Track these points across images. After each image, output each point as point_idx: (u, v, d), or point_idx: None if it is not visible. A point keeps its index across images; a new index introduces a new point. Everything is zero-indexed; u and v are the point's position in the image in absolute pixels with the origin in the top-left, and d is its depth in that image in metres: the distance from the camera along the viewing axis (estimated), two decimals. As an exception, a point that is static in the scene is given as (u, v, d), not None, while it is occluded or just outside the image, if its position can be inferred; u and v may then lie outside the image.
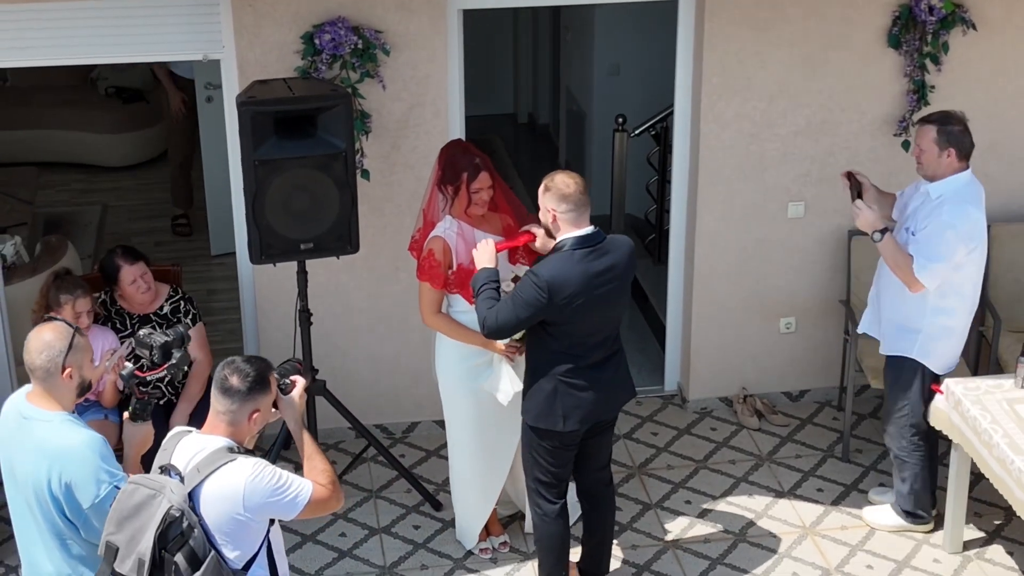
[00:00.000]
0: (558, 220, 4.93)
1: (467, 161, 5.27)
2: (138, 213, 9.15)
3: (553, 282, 4.85)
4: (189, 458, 3.92)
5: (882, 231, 5.49)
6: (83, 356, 4.16)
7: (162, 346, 4.21)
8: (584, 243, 4.91)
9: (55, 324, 4.18)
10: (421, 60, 6.06)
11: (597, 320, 4.99)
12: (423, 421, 6.68)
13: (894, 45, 6.33)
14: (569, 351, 5.00)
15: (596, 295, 4.92)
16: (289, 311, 5.99)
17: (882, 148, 6.52)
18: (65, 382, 4.13)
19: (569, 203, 4.90)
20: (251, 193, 5.40)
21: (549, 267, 4.89)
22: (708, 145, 6.43)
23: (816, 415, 6.87)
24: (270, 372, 4.01)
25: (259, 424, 4.00)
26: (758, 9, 6.20)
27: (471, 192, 5.25)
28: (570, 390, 5.04)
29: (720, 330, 6.76)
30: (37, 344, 4.12)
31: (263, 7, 5.86)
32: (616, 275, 4.98)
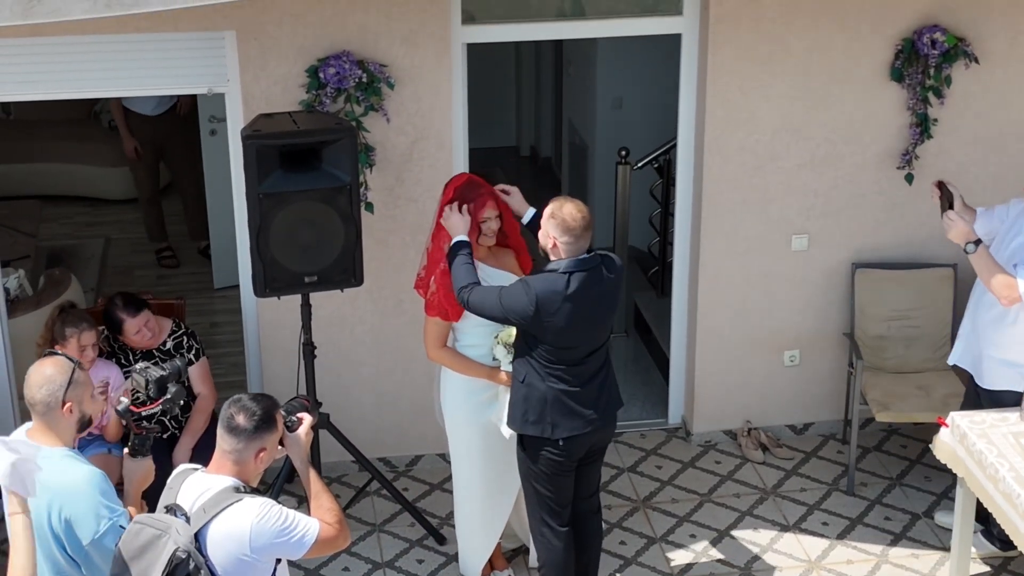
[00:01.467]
0: (558, 247, 5.02)
1: (473, 191, 5.27)
2: (141, 246, 9.14)
3: (542, 301, 4.94)
4: (195, 498, 3.89)
5: (975, 243, 5.41)
6: (83, 391, 4.15)
7: (157, 380, 4.20)
8: (579, 267, 5.00)
9: (55, 359, 4.18)
10: (425, 93, 6.07)
11: (584, 338, 5.07)
12: (427, 454, 6.66)
13: (897, 79, 6.34)
14: (556, 359, 5.07)
15: (585, 317, 5.01)
16: (293, 344, 5.98)
17: (886, 181, 6.52)
18: (65, 417, 4.12)
19: (571, 236, 4.99)
20: (255, 226, 5.40)
21: (543, 285, 4.98)
22: (711, 178, 6.44)
23: (821, 448, 6.84)
24: (276, 410, 3.99)
25: (265, 463, 3.98)
26: (761, 43, 6.22)
27: (479, 222, 5.25)
28: (560, 399, 5.09)
29: (724, 363, 6.75)
30: (37, 378, 4.11)
31: (268, 41, 5.88)
32: (606, 297, 5.08)
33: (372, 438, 6.50)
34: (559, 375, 5.07)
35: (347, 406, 6.41)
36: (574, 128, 9.50)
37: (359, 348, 6.44)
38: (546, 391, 5.08)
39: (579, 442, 5.15)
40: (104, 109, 10.14)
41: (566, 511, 5.28)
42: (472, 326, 5.31)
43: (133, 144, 8.47)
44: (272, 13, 5.81)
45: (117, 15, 4.65)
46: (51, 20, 4.55)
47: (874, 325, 6.59)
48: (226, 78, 5.97)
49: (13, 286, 6.79)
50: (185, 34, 5.82)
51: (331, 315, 6.28)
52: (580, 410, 5.10)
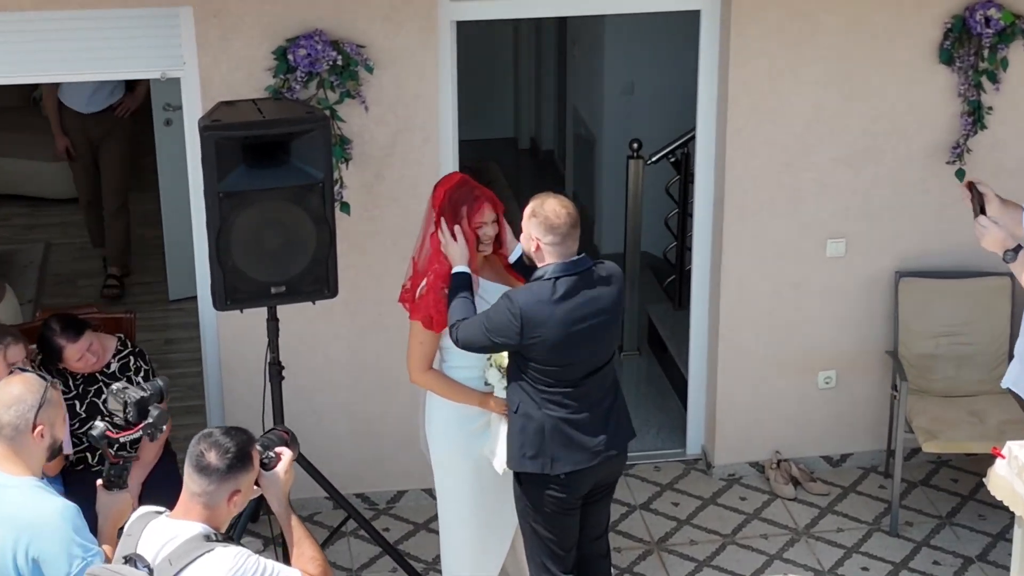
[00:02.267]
0: (542, 250, 5.02)
1: (466, 193, 5.27)
2: (86, 251, 9.14)
3: (527, 313, 4.95)
4: (159, 547, 3.85)
5: (1015, 249, 5.27)
6: (56, 412, 4.16)
7: (138, 403, 4.20)
8: (567, 271, 4.99)
9: (24, 376, 4.19)
10: (409, 78, 6.08)
11: (581, 355, 5.06)
12: (410, 490, 6.66)
13: (946, 61, 6.35)
14: (554, 385, 5.06)
15: (579, 330, 5.00)
16: (258, 364, 5.97)
17: (933, 179, 6.53)
18: (35, 442, 4.13)
19: (556, 235, 4.99)
20: (215, 229, 5.40)
21: (525, 296, 4.99)
22: (735, 175, 6.44)
23: (860, 482, 6.85)
24: (252, 446, 3.97)
25: (240, 506, 3.95)
26: (791, 20, 6.23)
27: (475, 228, 5.25)
28: (559, 428, 5.08)
29: (750, 385, 6.75)
30: (4, 398, 4.12)
31: (229, 19, 5.88)
32: (602, 307, 5.06)
33: (348, 471, 6.50)
34: (557, 400, 5.07)
35: (320, 435, 6.40)
36: (579, 118, 9.52)
37: (334, 368, 6.44)
38: (543, 420, 5.07)
39: (584, 477, 5.14)
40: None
41: (570, 555, 5.28)
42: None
43: (64, 143, 8.42)
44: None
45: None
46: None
47: (921, 342, 6.60)
48: (182, 61, 5.97)
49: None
50: (134, 10, 5.83)
51: (301, 331, 6.28)
52: (584, 440, 5.09)
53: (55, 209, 9.80)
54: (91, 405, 5.83)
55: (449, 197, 5.28)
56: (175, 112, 7.89)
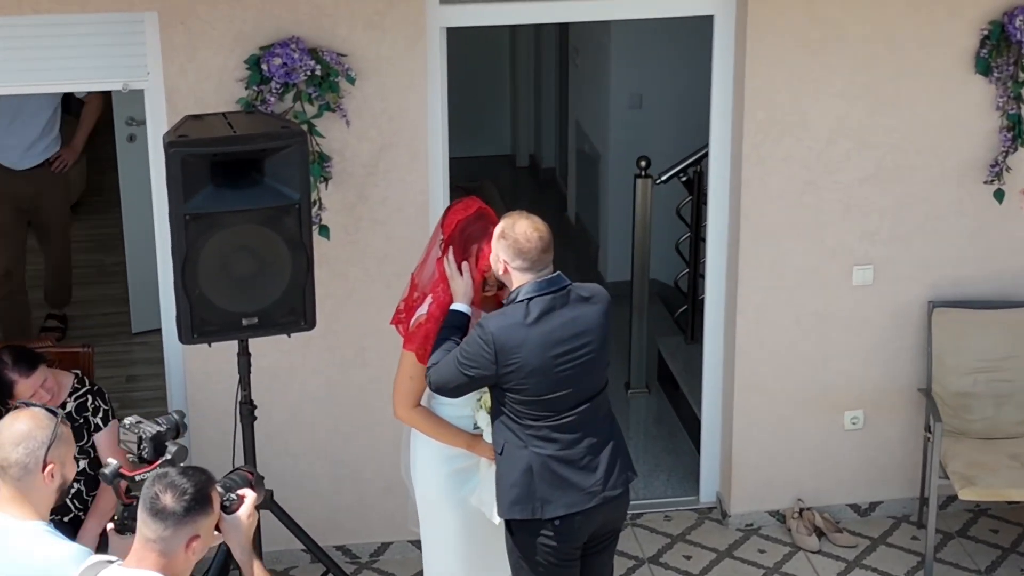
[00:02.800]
0: (510, 272, 5.06)
1: (480, 231, 5.26)
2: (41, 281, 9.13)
3: (500, 338, 4.95)
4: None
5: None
6: (67, 450, 4.21)
7: (153, 438, 4.26)
8: (540, 290, 5.01)
9: (32, 411, 4.22)
10: (395, 90, 6.09)
11: (566, 385, 5.04)
12: (396, 542, 6.65)
13: (983, 71, 6.36)
14: (540, 419, 5.04)
15: (559, 355, 4.99)
16: (228, 403, 5.96)
17: (968, 199, 6.53)
18: (45, 482, 4.16)
19: (525, 260, 5.02)
20: (181, 255, 5.39)
21: (497, 321, 5.01)
22: (752, 195, 6.45)
23: (891, 533, 6.84)
24: (212, 487, 3.97)
25: (198, 553, 3.94)
26: (813, 26, 6.24)
27: (483, 271, 5.24)
28: (549, 467, 5.05)
29: (769, 426, 6.75)
30: (11, 436, 4.15)
31: (198, 25, 5.89)
32: (584, 330, 5.05)
33: (327, 521, 6.49)
34: (544, 435, 5.04)
35: (296, 480, 6.40)
36: (583, 133, 9.54)
37: (311, 407, 6.43)
38: (529, 458, 5.05)
39: (580, 523, 5.11)
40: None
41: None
42: None
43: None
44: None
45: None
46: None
47: (956, 379, 6.59)
48: (146, 71, 5.99)
49: None
50: (95, 16, 5.84)
51: (275, 366, 6.28)
52: (577, 479, 5.07)
53: (8, 233, 9.79)
54: None
55: (462, 230, 5.27)
56: (138, 127, 7.91)
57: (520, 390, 5.01)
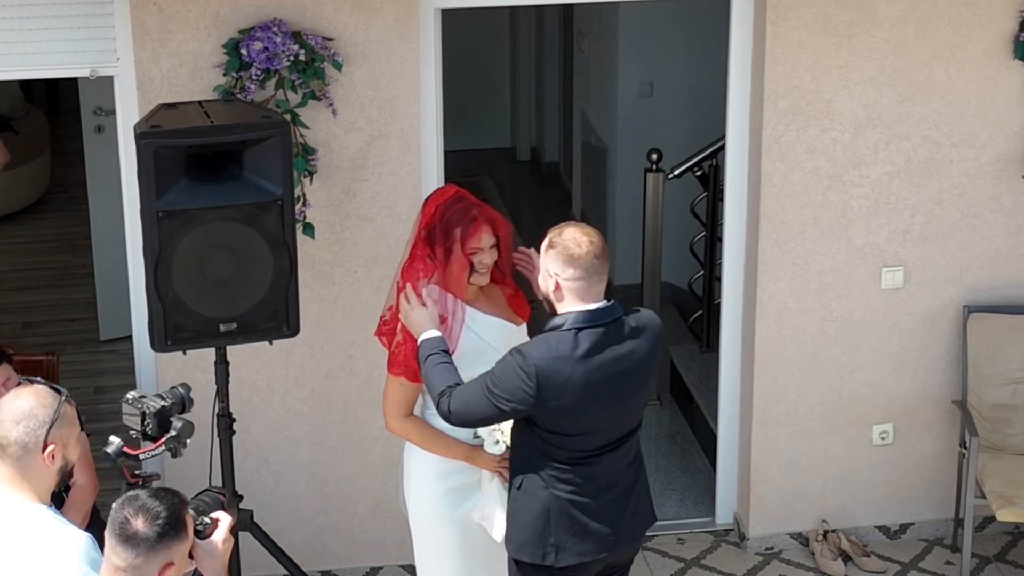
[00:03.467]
0: (561, 289, 4.93)
1: (461, 212, 5.28)
2: (2, 283, 9.18)
3: (544, 372, 4.82)
4: None
5: None
6: (70, 431, 4.26)
7: (158, 413, 4.35)
8: (592, 321, 4.88)
9: (36, 388, 4.30)
10: (385, 77, 6.11)
11: (602, 425, 4.99)
12: (386, 567, 6.67)
13: (1022, 57, 6.39)
14: (566, 459, 4.99)
15: (603, 394, 4.91)
16: (204, 416, 5.97)
17: (1007, 194, 6.55)
18: (45, 464, 4.21)
19: (578, 268, 4.88)
20: (154, 255, 5.41)
21: (542, 351, 4.86)
22: (772, 191, 6.47)
23: (923, 557, 6.86)
24: (185, 509, 3.98)
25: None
26: (839, 8, 6.26)
27: (468, 254, 5.25)
28: (567, 511, 5.02)
29: (791, 441, 6.77)
30: (12, 413, 4.21)
31: (171, 7, 5.92)
32: (633, 367, 4.96)
33: (312, 544, 6.51)
34: (568, 478, 4.97)
35: (278, 500, 6.42)
36: (589, 124, 9.56)
37: (294, 421, 6.45)
38: (549, 500, 4.99)
39: (591, 566, 5.11)
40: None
41: None
42: None
43: None
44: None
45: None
46: None
47: (994, 390, 6.61)
48: (115, 56, 6.01)
49: None
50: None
51: (256, 376, 6.30)
52: (595, 528, 5.02)
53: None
54: None
55: (441, 215, 5.28)
56: (107, 117, 7.92)
57: (553, 428, 4.91)
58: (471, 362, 5.28)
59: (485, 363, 5.27)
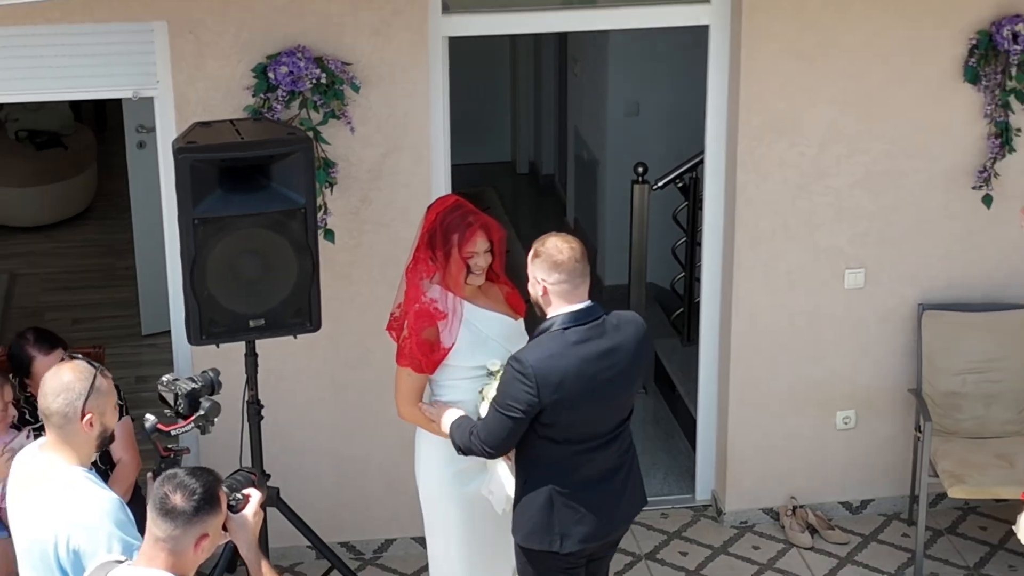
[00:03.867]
0: (548, 294, 4.91)
1: (459, 219, 5.28)
2: (54, 283, 9.17)
3: (540, 370, 4.79)
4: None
5: None
6: (106, 401, 4.30)
7: (189, 394, 4.43)
8: (577, 320, 4.87)
9: (74, 363, 4.35)
10: (398, 97, 6.10)
11: (597, 416, 4.96)
12: (400, 538, 6.65)
13: (971, 79, 6.37)
14: (566, 452, 4.96)
15: (595, 386, 4.87)
16: (235, 402, 5.96)
17: (958, 202, 6.53)
18: (84, 430, 4.26)
19: (562, 272, 4.87)
20: (190, 258, 5.40)
21: (534, 352, 4.85)
22: (746, 200, 6.45)
23: (882, 530, 6.84)
24: (219, 486, 3.97)
25: (207, 552, 3.95)
26: (806, 36, 6.25)
27: (465, 257, 5.25)
28: (569, 501, 4.99)
29: (763, 425, 6.75)
30: (54, 385, 4.27)
31: (206, 35, 5.90)
32: (620, 360, 4.93)
33: (332, 518, 6.49)
34: (569, 466, 4.96)
35: (301, 478, 6.40)
36: (581, 140, 9.55)
37: (316, 407, 6.43)
38: (551, 492, 4.96)
39: (591, 549, 5.10)
40: (10, 118, 10.19)
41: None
42: (452, 379, 5.30)
43: None
44: (211, 0, 5.84)
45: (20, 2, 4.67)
46: (-60, 8, 4.58)
47: (946, 380, 6.60)
48: (155, 79, 5.99)
49: None
50: (105, 26, 5.84)
51: (282, 367, 6.28)
52: (595, 512, 5.00)
53: (21, 237, 9.82)
54: None
55: (441, 222, 5.29)
56: (148, 134, 7.91)
57: (553, 421, 4.88)
58: (473, 352, 5.29)
59: (486, 353, 5.28)
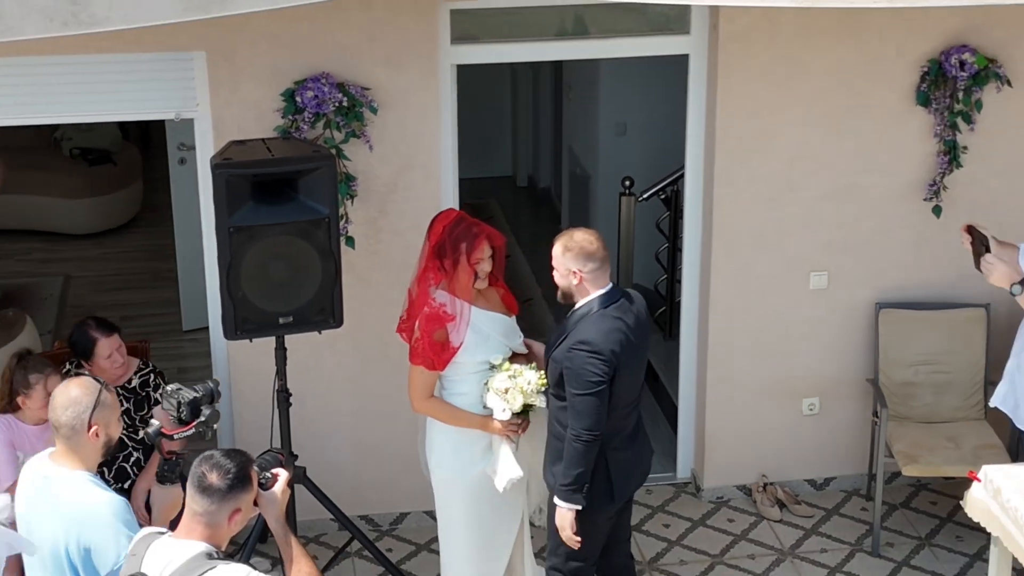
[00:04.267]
0: (584, 281, 5.01)
1: (465, 230, 5.28)
2: (104, 284, 9.17)
3: (606, 345, 4.92)
4: (163, 566, 3.86)
5: (1021, 282, 5.41)
6: (110, 413, 4.30)
7: (191, 402, 4.33)
8: (610, 300, 5.02)
9: (82, 379, 4.35)
10: (411, 119, 6.10)
11: (636, 380, 5.12)
12: (412, 512, 6.64)
13: (923, 103, 6.37)
14: (615, 415, 5.05)
15: (636, 353, 5.04)
16: (266, 391, 5.97)
17: (912, 214, 6.54)
18: (91, 440, 4.26)
19: (595, 261, 5.00)
20: (226, 262, 5.41)
21: (594, 333, 4.95)
22: (722, 210, 6.46)
23: (843, 505, 6.84)
24: (251, 466, 3.98)
25: (240, 525, 3.96)
26: (776, 64, 6.25)
27: (473, 264, 5.26)
28: (618, 457, 5.12)
29: (737, 412, 6.75)
30: (63, 400, 4.26)
31: (240, 62, 5.91)
32: (644, 330, 5.13)
33: (352, 494, 6.49)
34: (616, 428, 5.07)
35: (325, 459, 6.39)
36: (575, 156, 9.54)
37: (338, 395, 6.43)
38: (607, 454, 5.07)
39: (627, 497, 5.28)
40: (65, 137, 10.19)
41: (594, 566, 5.37)
42: (460, 374, 5.31)
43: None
44: (244, 33, 5.85)
45: (76, 34, 4.67)
46: (4, 40, 4.58)
47: (900, 371, 6.60)
48: (195, 102, 6.00)
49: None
50: (150, 55, 5.85)
51: (308, 359, 6.28)
52: (634, 463, 5.21)
53: (72, 244, 9.82)
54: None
55: (449, 234, 5.29)
56: (189, 151, 7.91)
57: (612, 390, 4.96)
58: (477, 348, 5.31)
59: (489, 349, 5.30)
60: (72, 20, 4.59)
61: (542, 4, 6.13)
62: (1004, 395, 5.82)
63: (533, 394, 5.17)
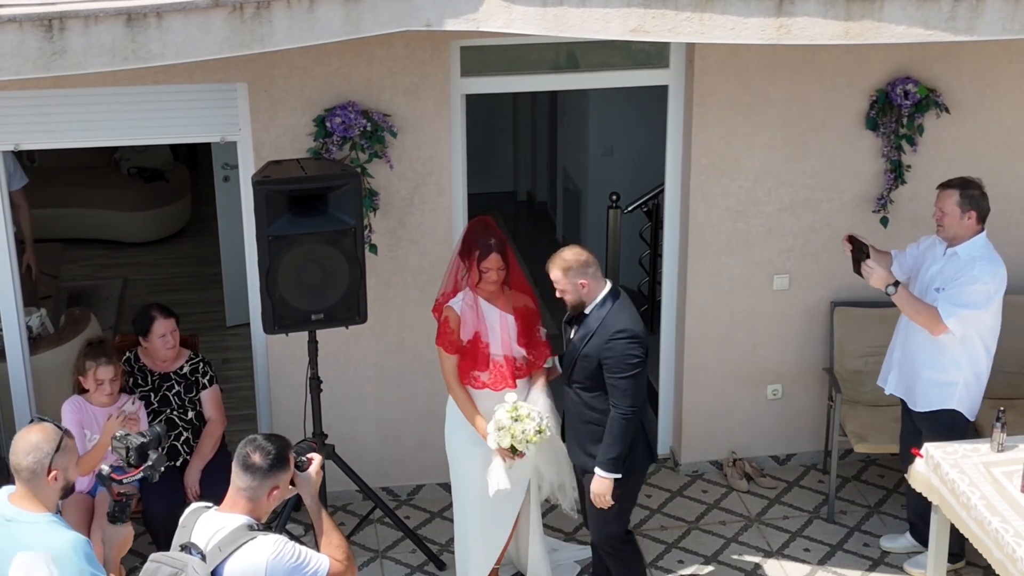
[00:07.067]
0: (590, 284, 5.08)
1: (482, 239, 5.31)
2: (157, 286, 9.16)
3: (638, 329, 5.05)
4: (209, 536, 3.86)
5: (895, 284, 5.52)
6: (69, 459, 4.03)
7: (139, 448, 4.03)
8: (616, 294, 5.13)
9: (43, 425, 4.04)
10: (426, 142, 6.11)
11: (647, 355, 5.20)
12: (428, 484, 6.64)
13: (872, 128, 6.37)
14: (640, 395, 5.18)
15: (645, 333, 5.14)
16: (300, 379, 5.98)
17: (862, 224, 6.54)
18: (50, 484, 3.99)
19: (591, 265, 5.10)
20: (265, 267, 5.42)
21: (623, 321, 5.04)
22: (697, 221, 6.46)
23: (802, 478, 6.83)
24: (289, 449, 3.99)
25: (277, 501, 3.96)
26: (744, 94, 6.26)
27: (480, 270, 5.29)
28: (647, 422, 5.26)
29: (710, 396, 6.75)
30: (24, 445, 3.97)
31: (278, 92, 5.91)
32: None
33: (375, 468, 6.49)
34: (643, 399, 5.19)
35: (352, 438, 6.40)
36: (568, 174, 9.54)
37: (363, 383, 6.44)
38: (642, 422, 5.19)
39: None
40: (123, 157, 10.19)
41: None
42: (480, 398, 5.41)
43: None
44: (281, 66, 5.85)
45: (134, 68, 4.68)
46: (72, 72, 4.59)
47: (852, 360, 6.59)
48: (238, 127, 6.00)
49: (36, 324, 6.81)
50: (199, 85, 5.86)
51: (336, 351, 6.28)
52: (654, 427, 5.36)
53: (129, 251, 9.83)
54: (163, 398, 5.92)
55: (470, 231, 5.37)
56: (232, 170, 7.92)
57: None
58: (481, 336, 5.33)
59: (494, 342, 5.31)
60: (131, 56, 4.60)
61: (540, 42, 6.14)
62: (895, 382, 5.87)
63: (522, 443, 5.15)
